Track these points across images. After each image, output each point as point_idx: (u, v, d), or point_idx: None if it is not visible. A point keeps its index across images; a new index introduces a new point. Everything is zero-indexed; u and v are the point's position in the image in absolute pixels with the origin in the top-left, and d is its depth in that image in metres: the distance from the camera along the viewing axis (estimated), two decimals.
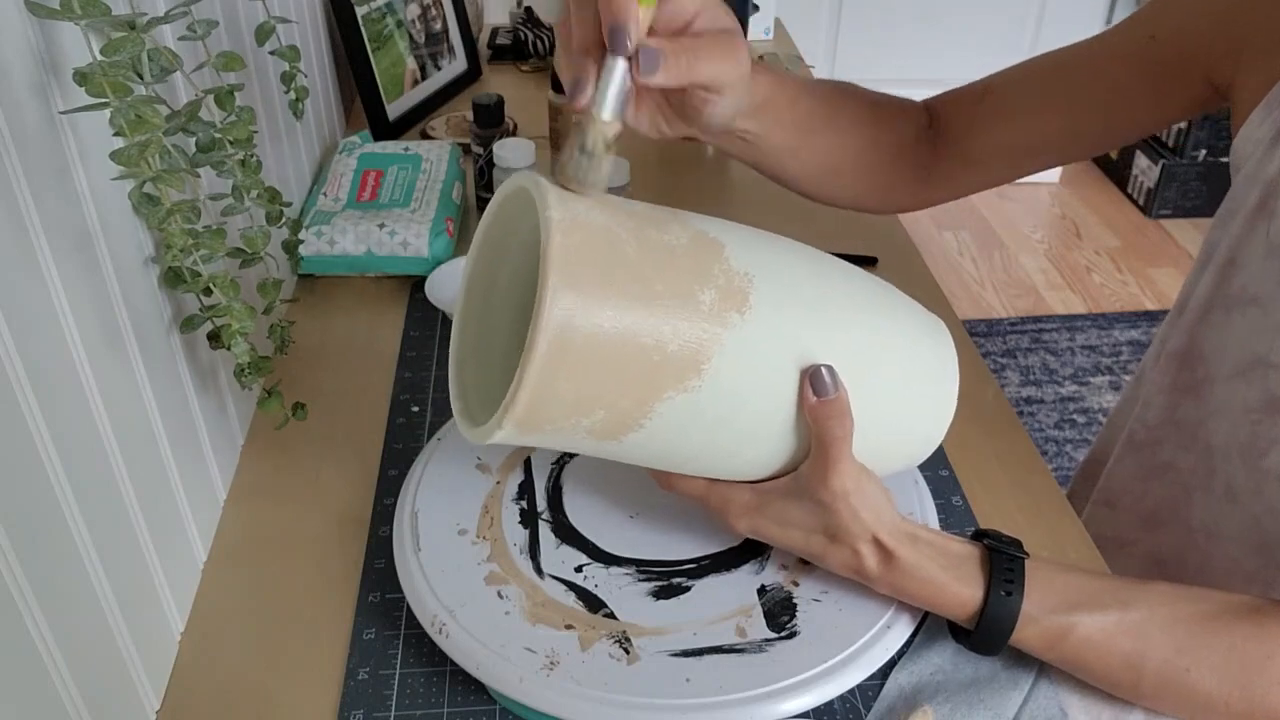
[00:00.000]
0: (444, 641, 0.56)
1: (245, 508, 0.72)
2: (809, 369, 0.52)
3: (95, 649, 0.51)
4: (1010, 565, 0.55)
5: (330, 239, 0.92)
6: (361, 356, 0.86)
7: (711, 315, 0.49)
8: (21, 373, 0.45)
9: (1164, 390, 0.74)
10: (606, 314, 0.47)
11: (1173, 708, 0.56)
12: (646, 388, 0.49)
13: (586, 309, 0.46)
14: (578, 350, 0.46)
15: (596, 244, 0.47)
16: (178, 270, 0.59)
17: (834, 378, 0.52)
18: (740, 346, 0.50)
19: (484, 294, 0.57)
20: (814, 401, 0.52)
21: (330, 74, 1.17)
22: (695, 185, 1.16)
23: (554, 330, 0.45)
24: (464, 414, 0.54)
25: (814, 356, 0.53)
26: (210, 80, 0.63)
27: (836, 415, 0.52)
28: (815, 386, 0.52)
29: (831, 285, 0.55)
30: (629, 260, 0.48)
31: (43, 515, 0.47)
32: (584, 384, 0.48)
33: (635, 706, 0.53)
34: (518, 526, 0.63)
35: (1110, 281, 2.53)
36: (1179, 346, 0.72)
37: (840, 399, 0.52)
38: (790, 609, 0.58)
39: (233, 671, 0.60)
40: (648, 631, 0.57)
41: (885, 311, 0.57)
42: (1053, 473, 0.75)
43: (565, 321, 0.46)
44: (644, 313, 0.48)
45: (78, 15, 0.48)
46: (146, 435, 0.59)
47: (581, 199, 0.49)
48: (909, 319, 0.58)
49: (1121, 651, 0.54)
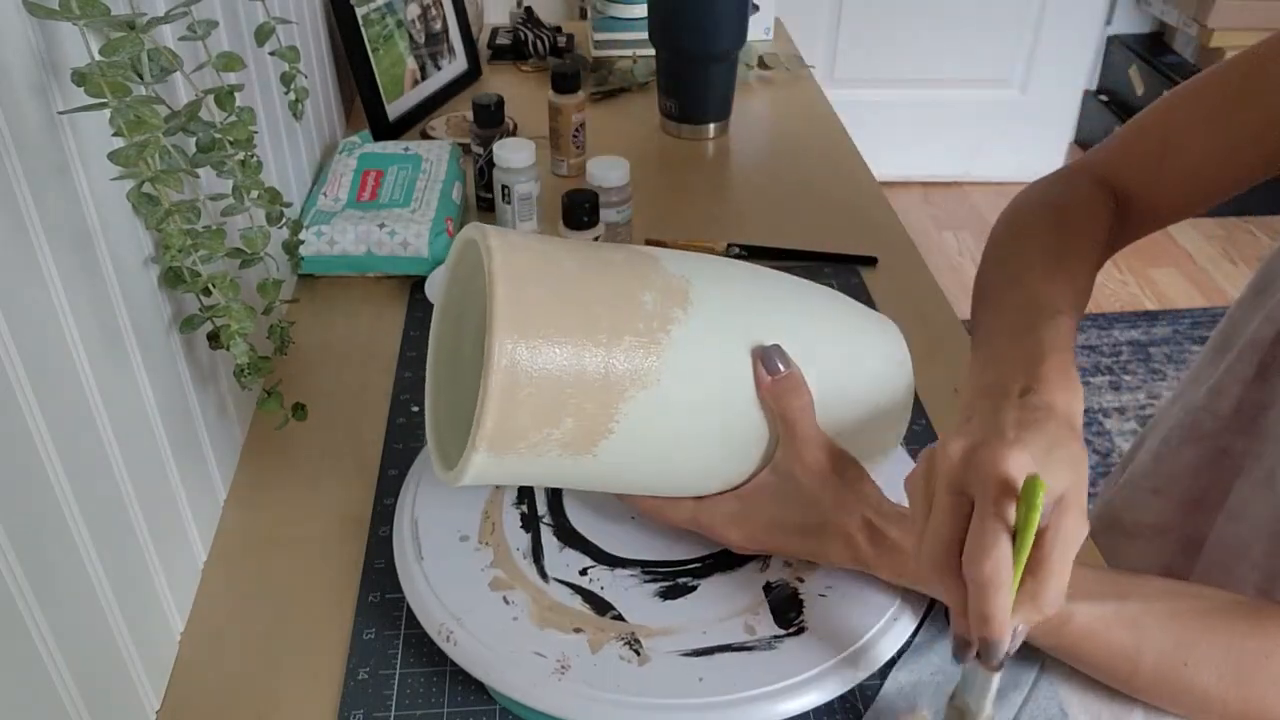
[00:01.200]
0: (452, 650, 0.56)
1: (245, 508, 0.72)
2: (757, 350, 0.55)
3: (95, 649, 0.51)
4: None
5: (330, 239, 0.92)
6: (361, 356, 0.86)
7: (656, 313, 0.53)
8: (21, 373, 0.45)
9: (1243, 380, 0.73)
10: (555, 326, 0.50)
11: (1169, 702, 0.56)
12: (608, 390, 0.51)
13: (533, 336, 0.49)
14: (536, 358, 0.49)
15: (536, 263, 0.51)
16: (177, 270, 0.59)
17: (783, 355, 0.55)
18: (689, 337, 0.53)
19: (453, 340, 0.61)
20: (768, 381, 0.54)
21: (330, 74, 1.17)
22: (695, 185, 1.16)
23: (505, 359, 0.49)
24: (441, 461, 0.56)
25: (761, 339, 0.55)
26: (210, 80, 0.63)
27: (792, 389, 0.54)
28: (766, 365, 0.55)
29: (766, 281, 0.59)
30: (569, 274, 0.52)
31: (43, 515, 0.47)
32: (546, 395, 0.50)
33: (651, 708, 0.52)
34: (519, 531, 0.63)
35: (1110, 281, 2.53)
36: (1269, 334, 0.70)
37: (793, 374, 0.55)
38: (797, 605, 0.58)
39: (233, 671, 0.60)
40: (657, 632, 0.57)
41: (826, 301, 0.61)
42: None
43: (512, 355, 0.49)
44: (592, 315, 0.51)
45: (77, 15, 0.48)
46: (146, 435, 0.59)
47: (522, 249, 0.52)
48: (852, 310, 0.62)
49: (1119, 642, 0.55)
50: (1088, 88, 2.86)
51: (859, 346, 0.60)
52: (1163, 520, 0.79)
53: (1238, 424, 0.73)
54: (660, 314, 0.53)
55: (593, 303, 0.51)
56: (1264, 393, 0.71)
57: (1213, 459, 0.76)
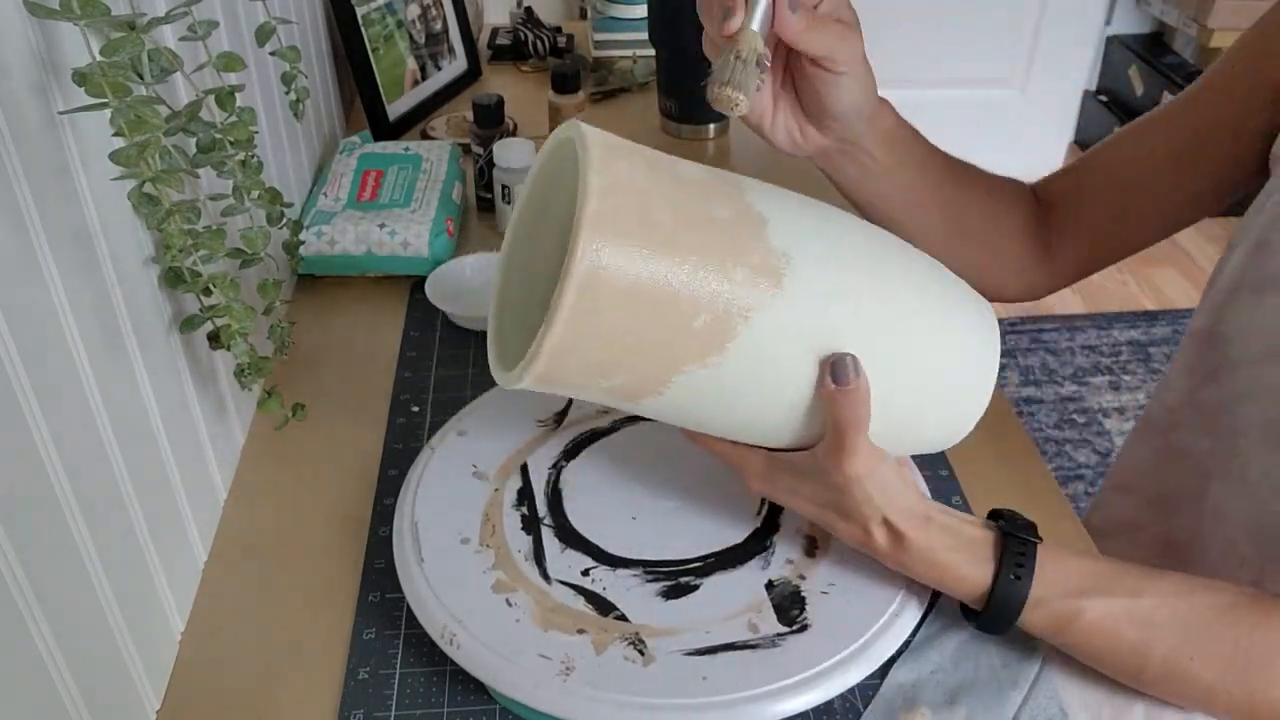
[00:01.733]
0: (455, 652, 0.56)
1: (245, 508, 0.72)
2: (832, 356, 0.52)
3: (95, 649, 0.51)
4: (1022, 550, 0.56)
5: (330, 239, 0.92)
6: (361, 356, 0.86)
7: (740, 294, 0.49)
8: (21, 373, 0.45)
9: (1185, 372, 0.74)
10: (636, 278, 0.47)
11: (1174, 695, 0.56)
12: (668, 359, 0.49)
13: (615, 272, 0.46)
14: (602, 312, 0.47)
15: (630, 211, 0.47)
16: (178, 270, 0.60)
17: (856, 366, 0.52)
18: (765, 328, 0.50)
19: (527, 246, 0.57)
20: (832, 388, 0.52)
21: (330, 74, 1.17)
22: None
23: (580, 285, 0.46)
24: (499, 359, 0.54)
25: (840, 344, 0.52)
26: (211, 81, 0.63)
27: (853, 404, 0.52)
28: (835, 374, 0.52)
29: (875, 270, 0.54)
30: (664, 231, 0.48)
31: (43, 515, 0.47)
32: (606, 347, 0.48)
33: (657, 708, 0.52)
34: (520, 533, 0.63)
35: (1110, 281, 2.53)
36: (1202, 326, 0.72)
37: (859, 388, 0.52)
38: (800, 602, 0.58)
39: (233, 671, 0.60)
40: (661, 632, 0.57)
41: (928, 298, 0.56)
42: (1053, 473, 0.75)
43: (592, 279, 0.46)
44: (672, 286, 0.48)
45: (77, 15, 0.48)
46: (146, 435, 0.59)
47: (625, 159, 0.49)
48: (954, 305, 0.57)
49: (1128, 639, 0.55)
50: (1087, 88, 2.86)
51: (946, 368, 0.56)
52: (1132, 517, 0.80)
53: (1196, 422, 0.74)
54: (746, 295, 0.49)
55: (678, 273, 0.48)
56: (1218, 391, 0.71)
57: (1169, 454, 0.76)
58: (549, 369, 0.48)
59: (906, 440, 0.57)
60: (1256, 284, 0.67)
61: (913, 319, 0.55)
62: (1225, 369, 0.70)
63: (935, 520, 0.57)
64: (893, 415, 0.54)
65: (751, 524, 0.64)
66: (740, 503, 0.65)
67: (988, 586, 0.56)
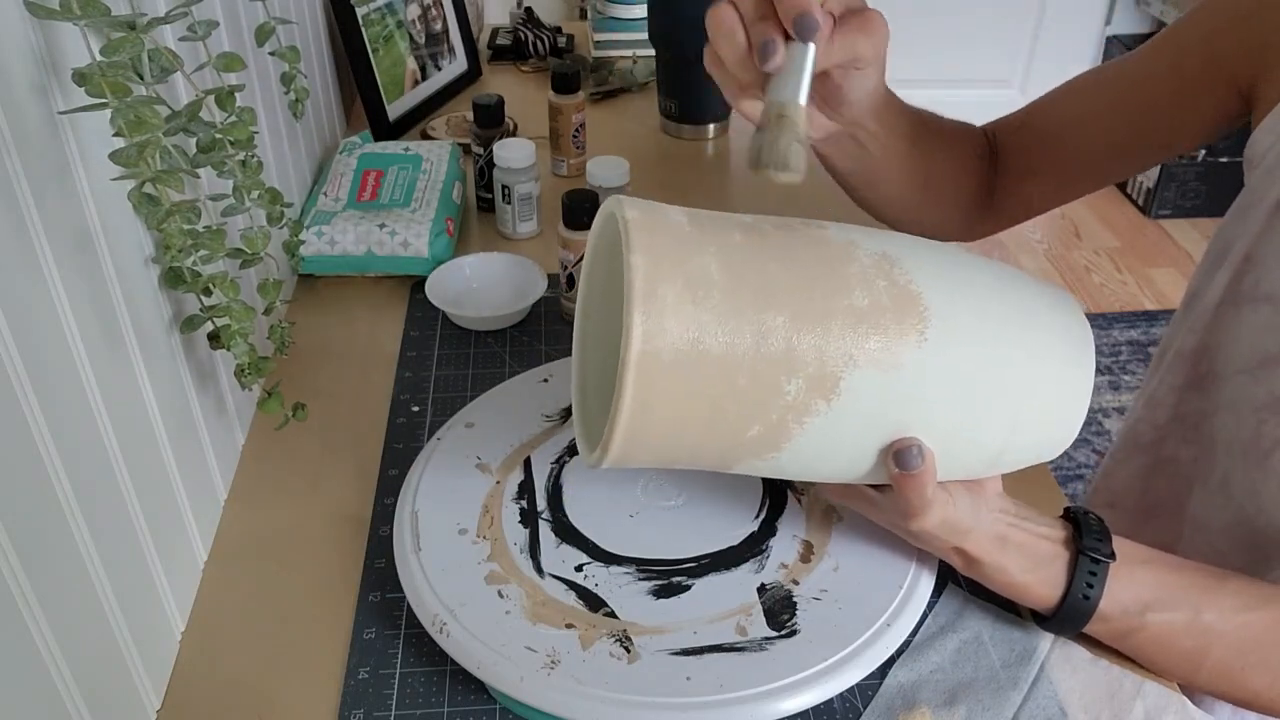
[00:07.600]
0: (445, 641, 0.56)
1: (245, 508, 0.72)
2: (896, 443, 0.51)
3: (95, 649, 0.51)
4: (1094, 569, 0.57)
5: (330, 239, 0.92)
6: (361, 356, 0.86)
7: (795, 406, 0.49)
8: (22, 373, 0.45)
9: (1175, 389, 0.74)
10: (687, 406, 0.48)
11: (1221, 695, 0.59)
12: (727, 456, 0.51)
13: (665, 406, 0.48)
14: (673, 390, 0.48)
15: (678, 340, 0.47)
16: (178, 270, 0.60)
17: (922, 453, 0.51)
18: (823, 431, 0.50)
19: (601, 320, 0.58)
20: (897, 473, 0.52)
21: (330, 74, 1.17)
22: (695, 185, 1.16)
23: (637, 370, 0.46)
24: (584, 438, 0.54)
25: (905, 433, 0.51)
26: (211, 81, 0.63)
27: (919, 488, 0.52)
28: (900, 461, 0.51)
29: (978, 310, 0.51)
30: (713, 357, 0.47)
31: (43, 515, 0.47)
32: (665, 447, 0.50)
33: (636, 705, 0.53)
34: (518, 526, 0.63)
35: (1110, 282, 2.53)
36: (1190, 345, 0.72)
37: (925, 473, 0.51)
38: (790, 607, 0.58)
39: (233, 671, 0.60)
40: (648, 630, 0.57)
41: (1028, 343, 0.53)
42: (1053, 473, 0.75)
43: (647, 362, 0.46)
44: (721, 409, 0.48)
45: (77, 16, 0.49)
46: (146, 435, 0.59)
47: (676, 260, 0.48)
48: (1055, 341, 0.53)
49: (1184, 649, 0.57)
50: None
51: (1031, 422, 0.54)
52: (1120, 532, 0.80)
53: (1180, 433, 0.74)
54: (800, 406, 0.49)
55: (727, 396, 0.48)
56: (1202, 401, 0.72)
57: (1157, 468, 0.77)
58: (625, 452, 0.49)
59: (990, 470, 0.57)
60: (1239, 298, 0.68)
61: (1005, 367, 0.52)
62: (1210, 380, 0.71)
63: (1011, 541, 0.57)
64: (980, 456, 0.55)
65: (750, 526, 0.64)
66: (741, 504, 0.65)
67: (1057, 602, 0.58)
